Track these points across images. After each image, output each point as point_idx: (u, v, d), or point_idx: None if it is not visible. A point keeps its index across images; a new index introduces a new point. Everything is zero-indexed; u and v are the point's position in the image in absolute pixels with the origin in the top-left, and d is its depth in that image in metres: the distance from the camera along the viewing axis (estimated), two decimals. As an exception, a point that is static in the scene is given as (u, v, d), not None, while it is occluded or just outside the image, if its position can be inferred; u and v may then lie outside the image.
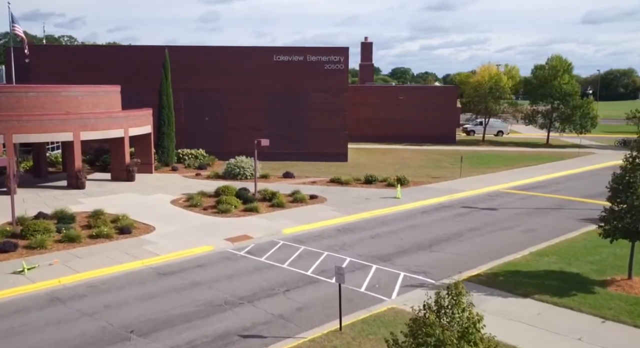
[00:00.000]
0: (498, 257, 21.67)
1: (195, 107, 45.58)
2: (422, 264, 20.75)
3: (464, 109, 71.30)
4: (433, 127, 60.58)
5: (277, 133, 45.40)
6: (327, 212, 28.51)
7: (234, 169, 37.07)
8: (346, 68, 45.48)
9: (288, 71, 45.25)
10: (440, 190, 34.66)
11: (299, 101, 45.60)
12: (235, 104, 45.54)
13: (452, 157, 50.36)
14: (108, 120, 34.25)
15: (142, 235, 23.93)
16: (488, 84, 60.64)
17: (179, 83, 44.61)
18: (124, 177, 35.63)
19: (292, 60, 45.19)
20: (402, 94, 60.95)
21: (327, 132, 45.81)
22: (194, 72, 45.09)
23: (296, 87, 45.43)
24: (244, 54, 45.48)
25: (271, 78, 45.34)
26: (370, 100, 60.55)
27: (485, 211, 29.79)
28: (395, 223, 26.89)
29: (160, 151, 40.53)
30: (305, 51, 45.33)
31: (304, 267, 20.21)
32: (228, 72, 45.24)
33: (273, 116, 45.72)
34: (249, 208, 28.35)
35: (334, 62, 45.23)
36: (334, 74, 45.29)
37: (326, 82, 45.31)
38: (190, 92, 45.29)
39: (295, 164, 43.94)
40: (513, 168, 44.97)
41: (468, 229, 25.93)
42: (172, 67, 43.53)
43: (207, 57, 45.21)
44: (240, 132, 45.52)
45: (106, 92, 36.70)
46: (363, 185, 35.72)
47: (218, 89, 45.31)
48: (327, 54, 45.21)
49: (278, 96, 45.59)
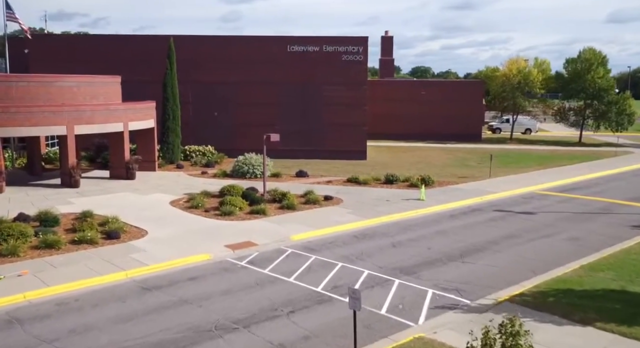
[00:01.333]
0: (543, 270, 18.39)
1: (203, 101, 42.74)
2: (453, 279, 17.55)
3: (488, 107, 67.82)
4: (457, 124, 57.13)
5: (290, 129, 42.43)
6: (342, 216, 25.40)
7: (242, 167, 34.12)
8: (365, 59, 42.29)
9: (303, 62, 42.20)
10: (469, 192, 31.35)
11: (315, 95, 42.53)
12: (246, 97, 42.61)
13: (479, 155, 46.91)
14: (105, 113, 31.49)
15: (132, 240, 21.04)
16: (516, 78, 56.94)
17: (187, 75, 41.85)
18: (124, 175, 32.87)
19: (307, 50, 42.13)
20: (425, 88, 57.56)
21: (344, 128, 42.67)
22: (202, 63, 42.24)
23: (312, 80, 42.36)
24: (256, 44, 42.52)
25: (285, 70, 42.32)
26: (391, 95, 57.27)
27: (522, 215, 26.43)
28: (420, 229, 23.69)
29: (164, 147, 37.74)
30: (322, 41, 42.22)
31: (313, 282, 17.13)
32: (239, 64, 42.32)
33: (287, 111, 42.71)
34: (256, 211, 25.35)
35: (352, 52, 42.07)
36: (352, 66, 42.13)
37: (344, 74, 42.18)
38: (199, 85, 42.46)
39: (309, 162, 40.91)
40: (546, 167, 41.40)
41: (504, 236, 22.64)
42: (179, 58, 40.77)
43: (216, 47, 42.34)
44: (252, 128, 42.53)
45: (105, 82, 33.98)
46: (383, 186, 32.54)
47: (228, 82, 42.42)
48: (344, 44, 42.07)
49: (292, 89, 42.56)
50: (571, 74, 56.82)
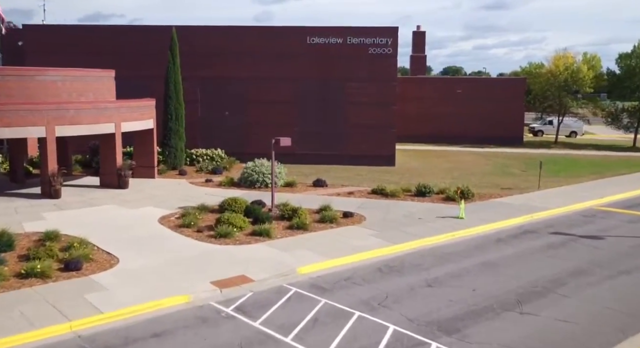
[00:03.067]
0: (635, 328, 13.46)
1: (213, 99, 38.42)
2: (511, 342, 12.73)
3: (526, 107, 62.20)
4: (496, 126, 51.86)
5: (310, 130, 37.97)
6: (364, 239, 20.69)
7: (251, 175, 29.64)
8: (395, 52, 37.43)
9: (324, 56, 37.54)
10: (516, 207, 26.33)
11: (337, 92, 37.85)
12: (260, 95, 38.15)
13: (522, 162, 41.68)
14: (93, 112, 27.29)
15: (95, 273, 16.66)
16: (563, 75, 51.34)
17: (195, 70, 37.63)
18: (115, 183, 28.68)
19: (329, 42, 37.45)
20: (461, 86, 52.39)
21: (370, 130, 37.90)
22: (212, 57, 37.92)
23: (334, 76, 37.69)
24: (272, 35, 38.01)
25: (304, 64, 37.74)
26: (423, 94, 52.29)
27: (586, 241, 21.37)
28: (461, 260, 18.85)
29: (166, 151, 33.51)
30: (346, 32, 37.50)
31: (318, 344, 12.49)
32: (252, 58, 37.88)
33: (306, 110, 38.13)
34: (259, 232, 20.79)
35: (380, 45, 37.26)
36: (380, 60, 37.33)
37: (370, 69, 37.42)
38: (208, 81, 38.16)
39: (330, 169, 36.27)
40: (602, 177, 36.01)
41: (570, 272, 17.66)
42: (186, 52, 36.59)
43: (227, 39, 37.95)
44: (267, 129, 37.92)
45: (95, 77, 29.84)
46: (414, 198, 27.71)
47: (240, 78, 38.02)
48: (371, 35, 37.28)
49: (312, 86, 37.96)
50: (625, 71, 51.07)
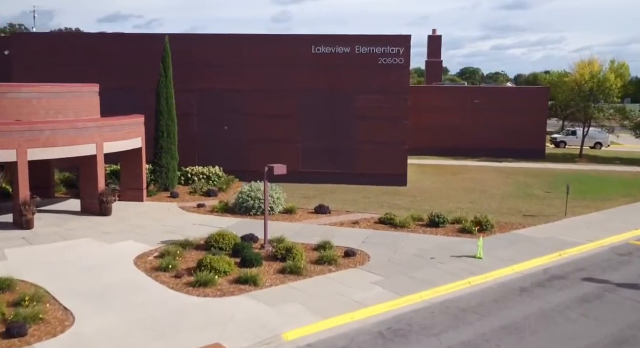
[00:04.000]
0: None
1: (211, 113, 35.77)
2: None
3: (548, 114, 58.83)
4: (517, 139, 48.70)
5: (315, 147, 35.24)
6: (366, 289, 17.83)
7: (246, 201, 26.87)
8: (407, 62, 34.50)
9: (331, 66, 34.71)
10: (541, 242, 23.29)
11: (345, 106, 35.01)
12: (262, 108, 35.43)
13: (545, 179, 38.54)
14: (71, 133, 24.71)
15: (42, 340, 13.98)
16: (589, 84, 47.98)
17: (191, 82, 35.08)
18: (97, 209, 26.11)
19: (335, 52, 34.61)
20: (479, 96, 49.25)
21: (380, 147, 35.01)
22: (210, 67, 35.28)
23: (341, 88, 34.86)
24: (275, 44, 35.26)
25: (309, 75, 34.96)
26: (438, 103, 49.26)
27: (626, 291, 18.31)
28: (478, 319, 15.92)
29: (157, 171, 30.90)
30: (354, 40, 34.63)
31: None
32: (253, 68, 35.16)
33: (310, 125, 35.33)
34: (244, 279, 18.00)
35: (391, 54, 34.34)
36: (391, 70, 34.41)
37: (380, 81, 34.52)
38: (206, 94, 35.52)
39: (336, 189, 33.47)
40: (636, 200, 32.78)
41: (611, 341, 14.66)
42: (182, 62, 34.14)
43: (227, 48, 35.28)
44: (269, 145, 35.54)
45: (76, 92, 27.27)
46: (426, 230, 24.79)
47: (241, 90, 35.33)
48: (381, 44, 34.37)
49: (317, 99, 35.15)
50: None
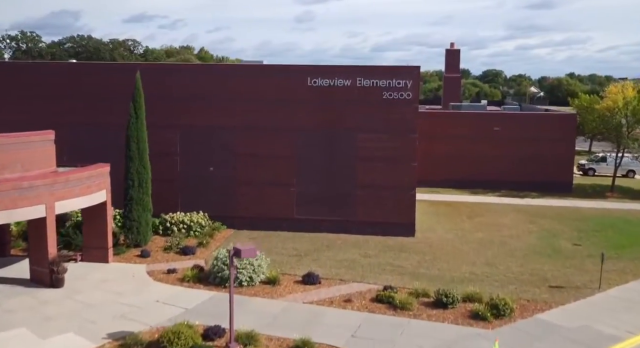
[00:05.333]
0: None
1: (196, 152, 31.96)
2: None
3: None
4: (541, 170, 44.15)
5: (311, 191, 31.28)
6: None
7: (222, 270, 22.94)
8: (415, 96, 30.31)
9: (329, 101, 30.68)
10: (571, 335, 18.99)
11: (345, 146, 30.95)
12: (252, 148, 31.54)
13: (573, 225, 34.06)
14: (14, 195, 21.02)
15: None
16: (623, 111, 43.21)
17: (174, 117, 31.41)
18: (47, 280, 22.41)
19: (334, 85, 30.55)
20: (499, 123, 44.79)
21: (385, 192, 30.88)
22: (195, 101, 31.50)
23: (340, 125, 30.81)
24: (266, 75, 31.33)
25: (304, 111, 30.99)
26: (452, 130, 44.93)
27: None
28: None
29: (127, 225, 27.15)
30: (354, 72, 30.55)
31: None
32: (243, 102, 31.29)
33: (307, 167, 31.34)
34: (191, 410, 14.10)
35: (397, 88, 30.19)
36: (397, 106, 30.26)
37: (385, 118, 30.41)
38: (190, 130, 31.74)
39: (334, 241, 29.45)
40: (682, 260, 28.16)
41: None
42: (164, 94, 30.65)
43: (213, 79, 31.45)
44: (260, 189, 31.68)
45: (26, 143, 23.64)
46: (432, 313, 20.62)
47: (229, 127, 31.48)
48: (386, 76, 30.24)
49: (314, 138, 31.14)
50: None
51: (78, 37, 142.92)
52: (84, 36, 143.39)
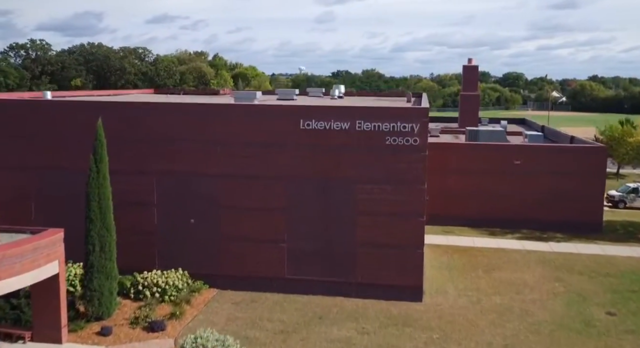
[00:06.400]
0: None
1: (175, 202, 28.29)
2: None
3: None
4: (566, 208, 39.88)
5: (305, 248, 27.53)
6: None
7: (186, 365, 19.21)
8: (422, 143, 26.29)
9: (325, 147, 26.83)
10: None
11: (342, 197, 27.07)
12: (238, 198, 27.79)
13: (607, 284, 29.82)
14: None
15: None
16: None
17: (150, 162, 27.84)
18: (-21, 377, 18.90)
19: (331, 128, 26.68)
20: (520, 156, 40.57)
21: (388, 251, 26.93)
22: (173, 144, 27.86)
23: (338, 174, 26.94)
24: (253, 117, 27.55)
25: (297, 158, 27.17)
26: (468, 164, 40.84)
27: None
28: None
29: (87, 296, 23.55)
30: (354, 114, 26.65)
31: None
32: (227, 147, 27.57)
33: (300, 220, 27.50)
34: None
35: (403, 132, 26.22)
36: (402, 153, 26.31)
37: (388, 167, 26.49)
38: (168, 178, 28.09)
39: (329, 309, 25.62)
40: None
41: None
42: (138, 136, 27.30)
43: (194, 120, 27.76)
44: (247, 244, 27.98)
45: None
46: None
47: (211, 174, 27.77)
48: (390, 118, 26.29)
49: (308, 188, 27.30)
50: None
51: (88, 45, 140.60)
52: (94, 44, 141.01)
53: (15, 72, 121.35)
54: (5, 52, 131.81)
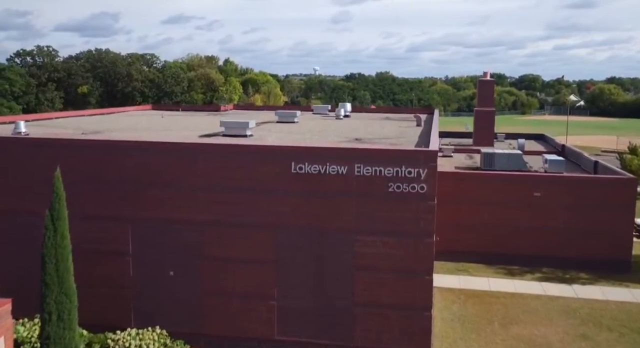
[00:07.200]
0: None
1: (152, 252, 25.28)
2: None
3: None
4: (591, 245, 36.36)
5: (297, 306, 24.39)
6: None
7: None
8: (431, 191, 22.98)
9: (319, 193, 23.66)
10: None
11: (339, 250, 23.88)
12: (222, 249, 24.72)
13: (640, 344, 26.33)
14: None
15: None
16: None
17: (124, 207, 24.89)
18: None
19: (326, 172, 23.48)
20: (540, 187, 37.06)
21: (391, 312, 23.69)
22: (150, 188, 24.86)
23: (334, 224, 23.75)
24: (238, 158, 24.42)
25: (288, 205, 24.01)
26: (483, 194, 37.45)
27: None
28: None
29: (44, 371, 20.59)
30: (352, 156, 23.42)
31: None
32: (211, 192, 24.50)
33: (290, 275, 24.36)
34: None
35: (408, 178, 22.97)
36: (408, 202, 23.05)
37: (391, 217, 23.24)
38: (145, 225, 25.08)
39: (321, 383, 22.42)
40: None
41: None
42: (110, 178, 24.21)
43: (173, 162, 24.72)
44: (232, 300, 24.90)
45: None
46: None
47: (194, 222, 24.71)
48: (393, 162, 23.05)
49: (300, 239, 24.14)
50: None
51: (96, 51, 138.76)
52: (101, 50, 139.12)
53: (20, 79, 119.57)
54: (11, 58, 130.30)
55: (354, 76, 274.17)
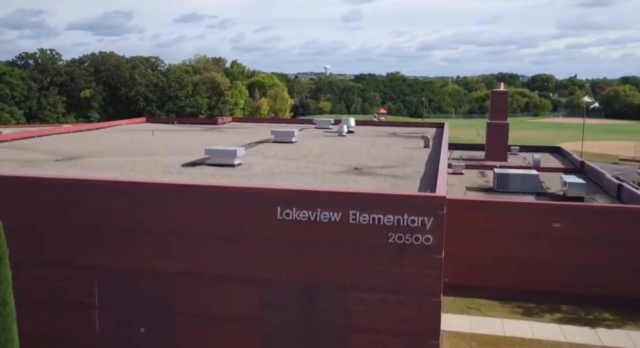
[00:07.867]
0: None
1: (121, 305, 22.31)
2: None
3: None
4: (617, 282, 33.02)
5: (283, 370, 21.15)
6: None
7: None
8: (438, 242, 19.82)
9: (308, 243, 20.57)
10: None
11: (331, 309, 20.78)
12: (199, 304, 21.71)
13: None
14: None
15: None
16: None
17: (90, 255, 21.96)
18: None
19: (317, 219, 20.39)
20: (560, 218, 33.72)
21: (390, 380, 20.55)
22: (118, 234, 21.88)
23: (325, 279, 20.66)
24: (218, 201, 21.35)
25: (272, 256, 20.94)
26: (496, 225, 34.16)
27: None
28: None
29: None
30: (347, 201, 20.28)
31: None
32: (186, 239, 21.49)
33: (275, 335, 21.30)
34: None
35: (411, 228, 19.82)
36: (411, 255, 19.91)
37: (392, 272, 20.13)
38: (113, 275, 22.12)
39: None
40: None
41: None
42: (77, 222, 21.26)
43: (146, 205, 21.71)
44: (210, 361, 21.77)
45: None
46: None
47: (167, 273, 21.73)
48: (394, 209, 19.89)
49: (286, 294, 21.07)
50: None
51: (99, 54, 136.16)
52: (105, 53, 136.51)
53: (22, 83, 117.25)
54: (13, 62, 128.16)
55: (364, 76, 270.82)
